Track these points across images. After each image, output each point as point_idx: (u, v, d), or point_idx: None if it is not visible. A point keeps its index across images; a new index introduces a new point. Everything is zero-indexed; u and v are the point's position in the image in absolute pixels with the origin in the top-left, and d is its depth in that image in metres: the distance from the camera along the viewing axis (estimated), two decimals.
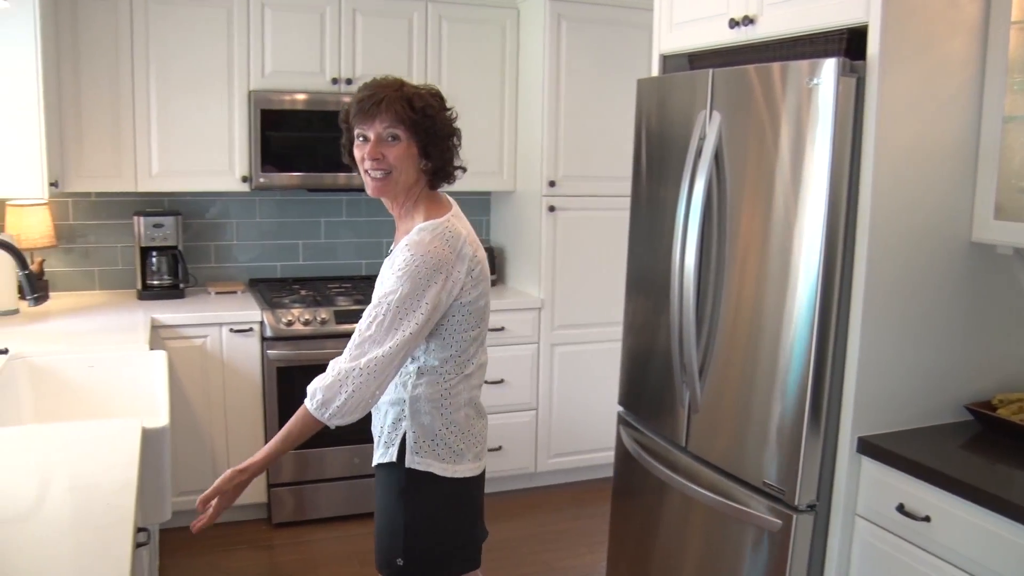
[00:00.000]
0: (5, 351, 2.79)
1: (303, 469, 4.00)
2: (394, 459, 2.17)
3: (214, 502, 2.13)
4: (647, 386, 3.04)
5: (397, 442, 2.17)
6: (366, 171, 2.13)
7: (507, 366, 4.28)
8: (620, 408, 3.21)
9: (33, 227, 3.95)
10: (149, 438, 2.32)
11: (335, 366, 2.06)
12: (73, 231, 4.22)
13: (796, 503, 2.36)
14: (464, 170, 2.25)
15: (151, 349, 3.37)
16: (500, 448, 4.30)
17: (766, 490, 2.44)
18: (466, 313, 2.13)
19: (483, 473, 2.31)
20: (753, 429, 2.50)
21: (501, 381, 4.27)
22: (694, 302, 2.69)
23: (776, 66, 2.39)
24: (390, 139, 2.08)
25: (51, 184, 3.41)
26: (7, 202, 3.97)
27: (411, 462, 2.15)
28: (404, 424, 2.16)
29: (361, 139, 2.12)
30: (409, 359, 2.13)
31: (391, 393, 2.18)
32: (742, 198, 2.55)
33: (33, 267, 3.99)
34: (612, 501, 3.24)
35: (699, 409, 2.71)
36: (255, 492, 3.95)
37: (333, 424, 2.05)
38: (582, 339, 4.36)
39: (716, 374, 2.66)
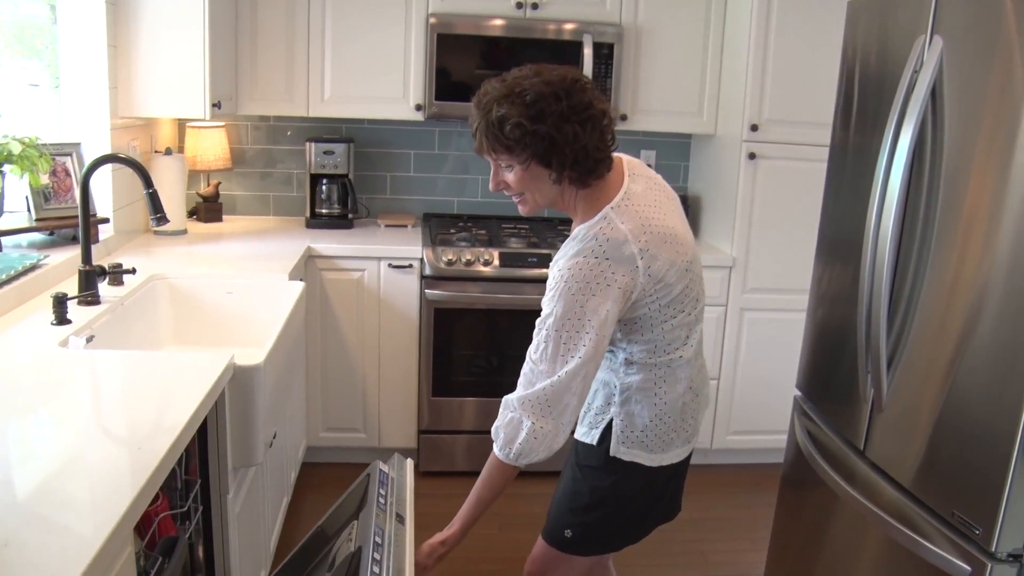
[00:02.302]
0: (132, 271, 2.70)
1: (457, 418, 3.78)
2: (595, 442, 1.99)
3: None
4: (829, 371, 2.54)
5: (601, 426, 1.99)
6: None
7: None
8: (797, 392, 2.73)
9: (208, 149, 3.92)
10: (240, 377, 2.13)
11: (508, 402, 1.89)
12: (251, 155, 4.17)
13: (994, 549, 1.82)
14: (610, 154, 1.87)
15: (301, 279, 3.25)
16: None
17: (955, 524, 1.92)
18: (659, 306, 1.86)
19: (691, 453, 2.11)
20: (948, 444, 1.96)
21: None
22: (889, 277, 2.17)
23: None
24: (505, 168, 1.85)
25: (213, 105, 3.31)
26: (187, 123, 3.96)
27: (616, 451, 1.97)
28: (612, 410, 1.97)
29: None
30: (611, 347, 1.95)
31: (602, 371, 2.00)
32: (967, 149, 1.99)
33: (208, 189, 3.98)
34: (778, 500, 2.78)
35: (883, 408, 2.20)
36: (405, 437, 3.79)
37: (522, 464, 1.88)
38: (776, 305, 3.84)
39: (909, 369, 2.13)
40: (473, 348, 3.79)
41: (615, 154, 1.91)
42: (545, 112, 1.75)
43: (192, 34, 3.24)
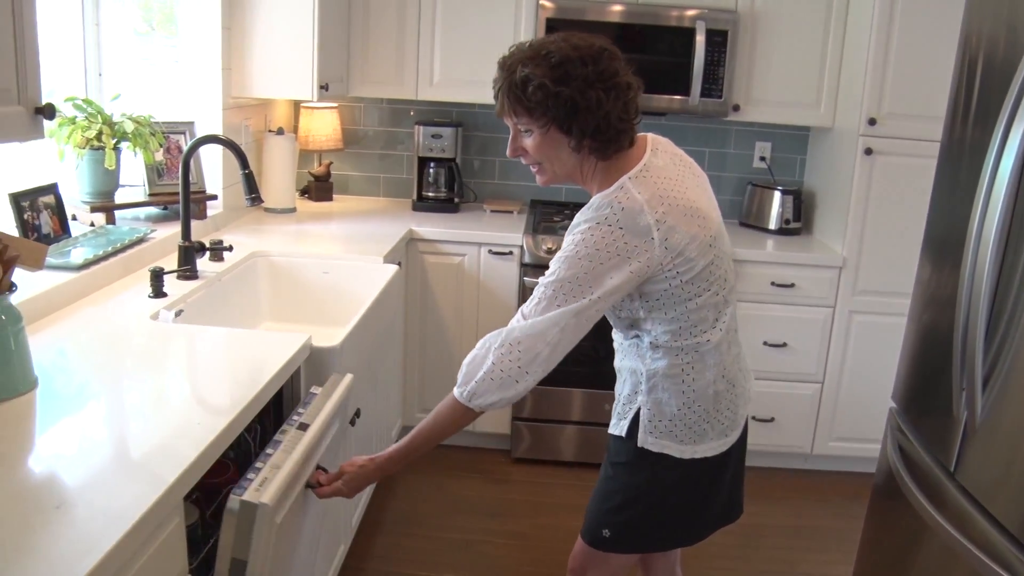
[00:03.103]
0: (229, 248, 2.80)
1: (549, 407, 3.77)
2: (623, 433, 1.94)
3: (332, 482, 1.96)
4: (925, 383, 2.41)
5: (630, 416, 1.94)
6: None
7: (792, 329, 3.72)
8: (892, 404, 2.60)
9: (320, 129, 4.01)
10: (317, 357, 2.18)
11: (482, 340, 1.82)
12: (364, 136, 4.25)
13: None
14: (634, 125, 1.81)
15: (399, 262, 3.30)
16: (772, 420, 3.78)
17: None
18: (681, 282, 1.78)
19: (734, 447, 1.99)
20: None
21: (784, 345, 3.73)
22: (991, 286, 2.03)
23: None
24: (524, 132, 1.80)
25: (321, 87, 3.39)
26: (301, 104, 4.06)
27: (644, 441, 1.90)
28: (639, 399, 1.91)
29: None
30: (636, 332, 1.89)
31: (629, 359, 1.96)
32: None
33: (319, 169, 4.08)
34: (867, 516, 2.66)
35: (977, 429, 2.07)
36: (499, 423, 3.81)
37: (475, 406, 1.79)
38: (888, 309, 3.66)
39: (1007, 389, 1.99)
40: None
41: (645, 134, 1.88)
42: (570, 75, 1.70)
43: (302, 17, 3.32)
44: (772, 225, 4.03)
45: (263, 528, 1.57)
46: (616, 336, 2.03)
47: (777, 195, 4.02)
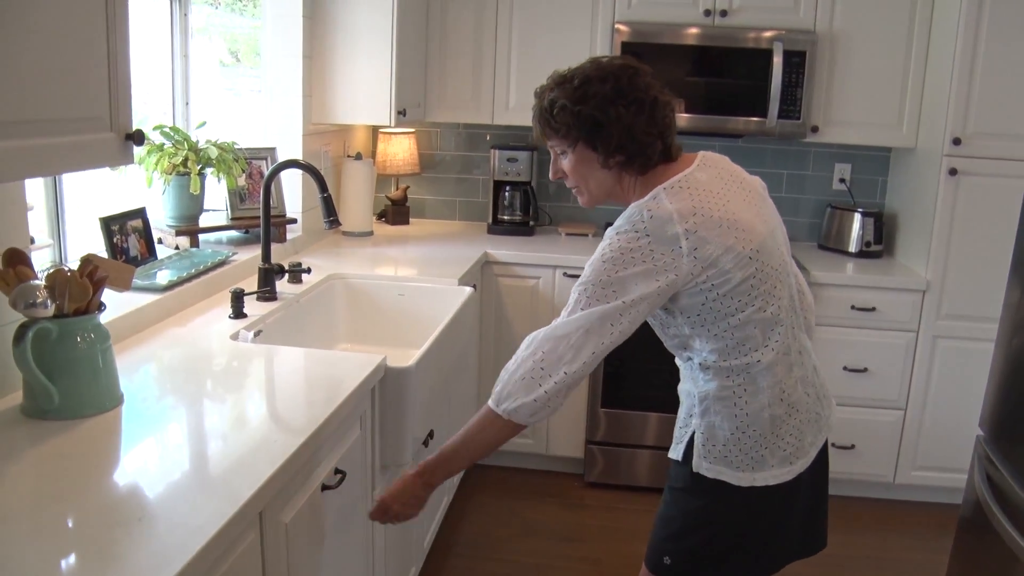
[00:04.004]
0: (308, 270, 2.86)
1: (622, 431, 3.74)
2: (679, 457, 1.90)
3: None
4: (1016, 410, 2.34)
5: (685, 440, 1.89)
6: None
7: (874, 354, 3.63)
8: (980, 432, 2.52)
9: (397, 154, 4.08)
10: (391, 378, 2.21)
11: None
12: (440, 160, 4.31)
13: None
14: (664, 136, 1.80)
15: (474, 285, 3.33)
16: (852, 447, 3.69)
17: None
18: (718, 295, 1.73)
19: (806, 476, 1.90)
20: None
21: (864, 370, 3.64)
22: None
23: None
24: (561, 155, 1.87)
25: (398, 113, 3.45)
26: (380, 130, 4.14)
27: (698, 466, 1.85)
28: (693, 422, 1.87)
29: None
30: (688, 353, 1.85)
31: (686, 381, 1.92)
32: None
33: (396, 193, 4.14)
34: (953, 549, 2.59)
35: None
36: (574, 446, 3.80)
37: (503, 411, 1.77)
38: (974, 334, 3.55)
39: None
40: (646, 361, 3.73)
41: (699, 152, 1.87)
42: (589, 94, 1.75)
43: (381, 45, 3.39)
44: (852, 248, 3.95)
45: None
46: (676, 359, 2.00)
47: (857, 217, 3.95)
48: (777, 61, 3.62)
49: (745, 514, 1.86)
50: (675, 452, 1.92)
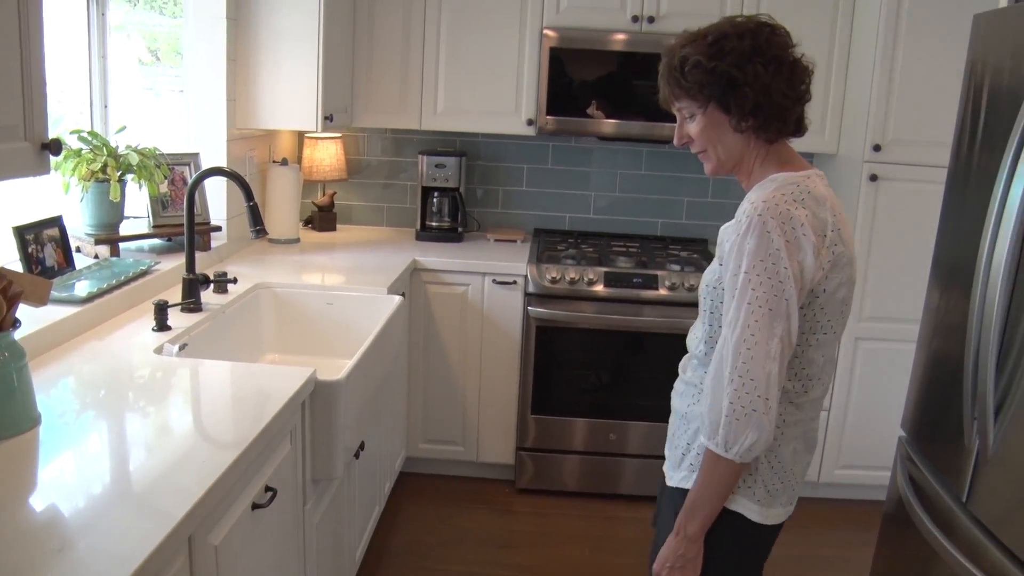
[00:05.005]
0: (234, 280, 2.79)
1: (552, 437, 3.74)
2: (689, 486, 1.77)
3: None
4: (936, 412, 2.39)
5: (698, 465, 1.76)
6: None
7: None
8: (902, 432, 2.58)
9: (323, 159, 4.02)
10: (322, 391, 2.17)
11: (706, 385, 1.68)
12: (367, 166, 4.25)
13: None
14: (802, 102, 1.72)
15: (403, 293, 3.30)
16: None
17: None
18: (819, 307, 1.66)
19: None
20: None
21: None
22: (1002, 313, 2.02)
23: None
24: (688, 117, 1.74)
25: (325, 118, 3.40)
26: (305, 134, 4.07)
27: None
28: None
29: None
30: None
31: (702, 398, 1.78)
32: None
33: (323, 199, 4.08)
34: (876, 546, 2.64)
35: (989, 460, 2.05)
36: (504, 453, 3.79)
37: (734, 456, 1.60)
38: (894, 336, 3.64)
39: (1021, 418, 1.98)
40: (577, 367, 3.75)
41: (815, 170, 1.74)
42: (725, 50, 1.64)
43: (307, 50, 3.33)
44: None
45: None
46: (691, 375, 1.86)
47: None
48: None
49: (751, 554, 1.81)
50: (688, 482, 1.78)
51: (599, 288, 3.59)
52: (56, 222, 2.57)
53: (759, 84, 1.64)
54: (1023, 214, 1.99)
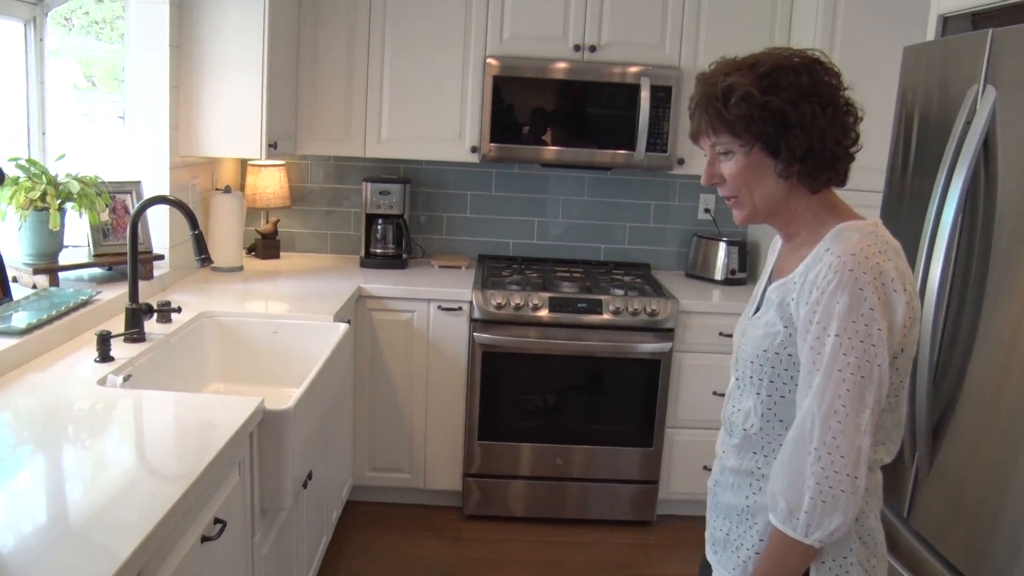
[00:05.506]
0: (178, 309, 2.76)
1: (498, 462, 3.75)
2: None
3: None
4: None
5: None
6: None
7: None
8: None
9: (267, 187, 4.00)
10: (270, 421, 2.15)
11: (780, 462, 1.48)
12: (311, 193, 4.24)
13: None
14: (852, 154, 1.55)
15: (349, 320, 3.29)
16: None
17: None
18: (895, 368, 1.49)
19: None
20: (1002, 526, 1.86)
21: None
22: (936, 335, 2.09)
23: None
24: (723, 154, 1.54)
25: (270, 146, 3.38)
26: (249, 162, 4.04)
27: None
28: None
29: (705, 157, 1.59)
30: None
31: (760, 487, 1.58)
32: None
33: (266, 227, 4.05)
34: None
35: (928, 476, 2.11)
36: (451, 479, 3.78)
37: (814, 541, 1.43)
38: None
39: (959, 435, 2.04)
40: (523, 393, 3.76)
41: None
42: (780, 84, 1.47)
43: (250, 77, 3.32)
44: (718, 276, 4.10)
45: None
46: (743, 462, 1.62)
47: (722, 246, 4.10)
48: (644, 95, 3.72)
49: None
50: None
51: (544, 313, 3.61)
52: None
53: (815, 128, 1.46)
54: (954, 237, 2.07)
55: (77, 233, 3.03)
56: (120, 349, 2.44)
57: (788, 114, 1.46)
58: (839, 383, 1.40)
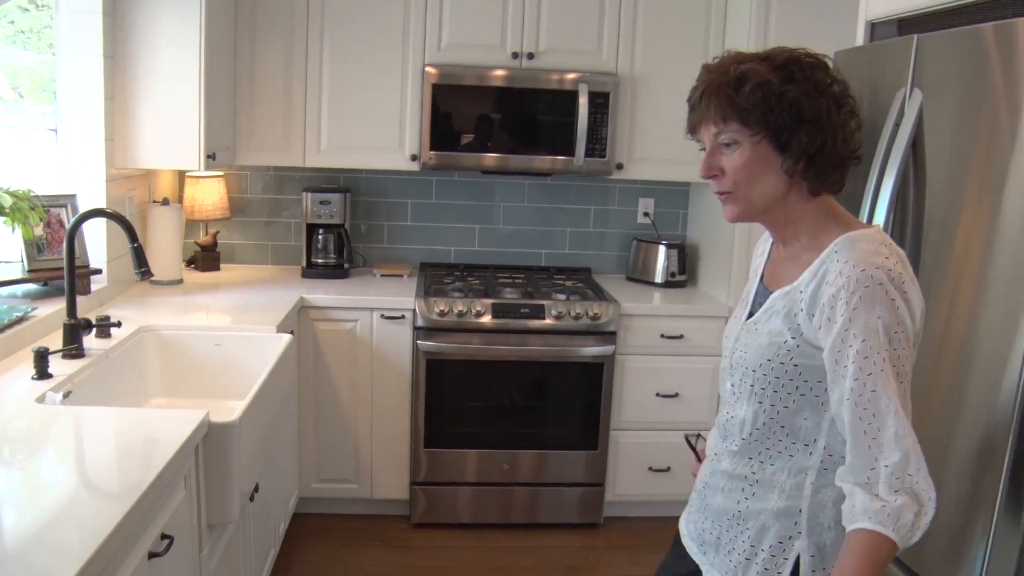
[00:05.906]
0: (118, 324, 2.72)
1: (444, 470, 3.75)
2: None
3: None
4: None
5: (787, 572, 1.52)
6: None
7: (683, 379, 3.82)
8: None
9: (206, 198, 3.96)
10: (215, 434, 2.13)
11: (857, 490, 1.39)
12: (250, 204, 4.20)
13: None
14: (858, 159, 1.52)
15: (292, 331, 3.26)
16: (668, 469, 3.86)
17: None
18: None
19: None
20: (937, 515, 1.91)
21: (675, 395, 3.82)
22: None
23: None
24: (725, 146, 1.48)
25: (208, 157, 3.35)
26: (186, 173, 4.00)
27: None
28: (797, 544, 1.51)
29: (702, 151, 1.55)
30: (804, 443, 1.51)
31: (772, 498, 1.54)
32: (952, 199, 1.99)
33: (206, 238, 4.01)
34: None
35: None
36: (398, 488, 3.77)
37: (914, 542, 1.40)
38: None
39: None
40: (468, 399, 3.78)
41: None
42: (796, 76, 1.43)
43: (187, 87, 3.28)
44: (658, 279, 4.15)
45: None
46: (736, 467, 1.61)
47: (662, 249, 4.16)
48: (583, 102, 3.77)
49: None
50: None
51: (487, 320, 3.63)
52: None
53: (828, 124, 1.44)
54: (888, 234, 2.14)
55: (10, 248, 2.97)
56: (59, 366, 2.40)
57: (803, 107, 1.42)
58: (891, 398, 1.37)
